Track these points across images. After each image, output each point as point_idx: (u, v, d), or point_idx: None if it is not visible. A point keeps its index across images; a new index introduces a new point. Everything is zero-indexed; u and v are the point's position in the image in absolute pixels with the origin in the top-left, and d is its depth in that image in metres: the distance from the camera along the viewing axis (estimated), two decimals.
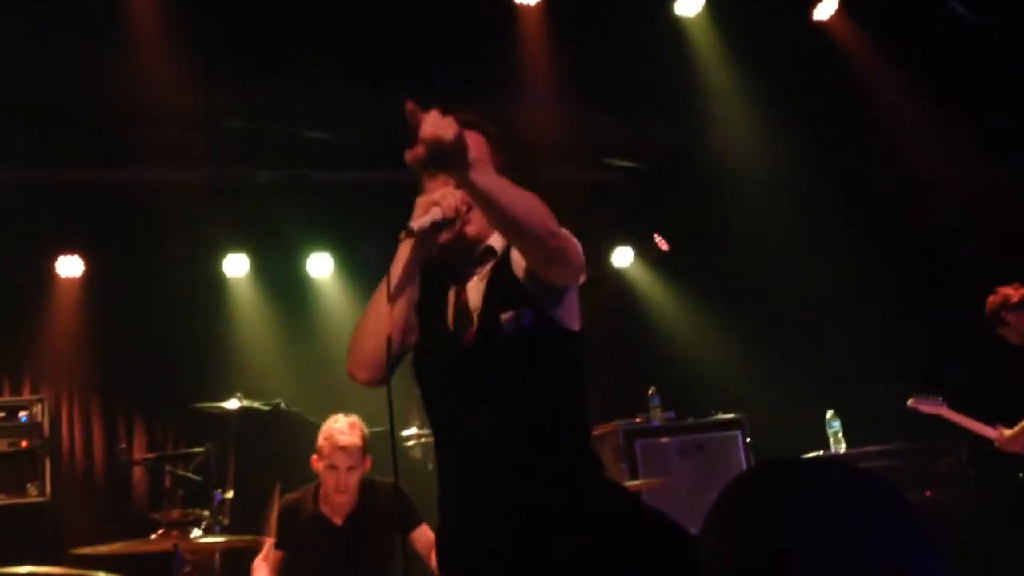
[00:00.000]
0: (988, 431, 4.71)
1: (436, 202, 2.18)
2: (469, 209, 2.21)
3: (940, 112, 5.99)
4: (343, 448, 3.86)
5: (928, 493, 5.69)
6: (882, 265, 6.48)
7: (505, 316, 2.18)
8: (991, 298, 4.62)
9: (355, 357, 2.26)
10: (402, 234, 2.15)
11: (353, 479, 3.88)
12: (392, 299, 2.20)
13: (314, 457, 3.96)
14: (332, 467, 3.85)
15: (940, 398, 5.01)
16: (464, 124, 2.10)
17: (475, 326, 2.21)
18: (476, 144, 2.19)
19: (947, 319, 5.86)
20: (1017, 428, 4.45)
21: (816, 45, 6.14)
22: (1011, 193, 5.93)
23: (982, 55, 5.79)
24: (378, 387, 2.23)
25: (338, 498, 3.88)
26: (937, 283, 6.28)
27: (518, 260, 2.24)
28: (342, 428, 3.92)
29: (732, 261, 6.88)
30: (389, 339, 2.16)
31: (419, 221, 2.14)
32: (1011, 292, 4.56)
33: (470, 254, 2.30)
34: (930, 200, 6.31)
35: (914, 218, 6.47)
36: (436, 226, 2.17)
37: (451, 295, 2.29)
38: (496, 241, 2.32)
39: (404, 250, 2.24)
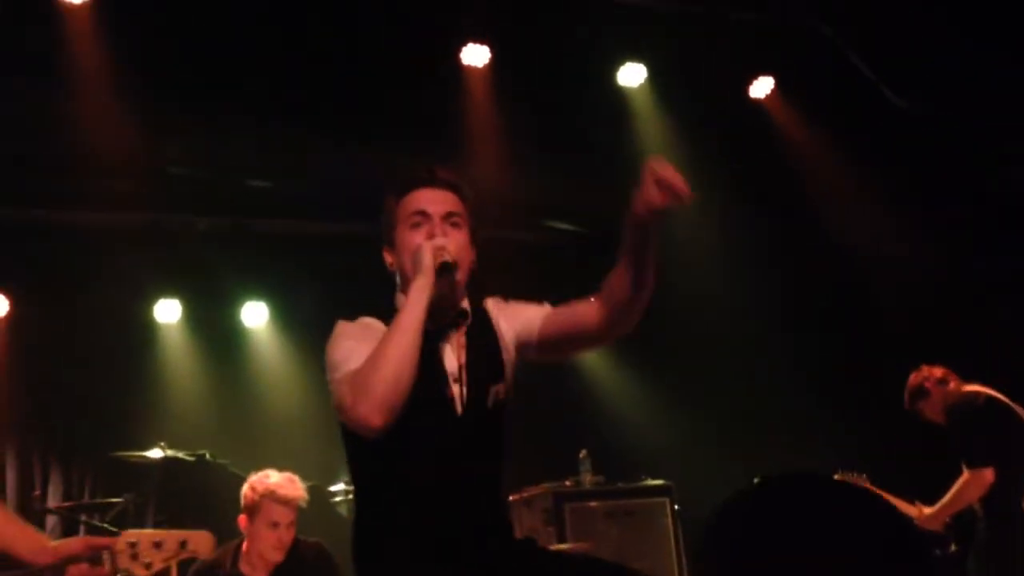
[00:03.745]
0: (908, 508, 4.77)
1: (443, 247, 2.27)
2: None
3: (869, 187, 6.22)
4: (287, 502, 3.73)
5: None
6: (813, 335, 6.62)
7: (494, 388, 2.32)
8: (915, 374, 4.75)
9: (373, 401, 2.10)
10: (441, 263, 2.23)
11: (292, 535, 3.76)
12: (413, 341, 2.16)
13: (242, 517, 3.79)
14: (273, 524, 3.70)
15: (864, 475, 5.06)
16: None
17: (466, 392, 2.28)
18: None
19: (875, 391, 5.99)
20: (937, 507, 4.52)
21: (753, 119, 6.35)
22: (936, 266, 6.15)
23: (909, 136, 6.04)
24: (381, 433, 2.14)
25: (275, 556, 3.71)
26: (865, 354, 6.43)
27: (513, 328, 2.39)
28: (281, 482, 3.78)
29: (666, 327, 6.97)
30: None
31: (450, 255, 2.25)
32: (936, 369, 4.70)
33: (448, 313, 2.33)
34: (860, 273, 6.51)
35: (844, 290, 6.65)
36: (451, 267, 2.25)
37: (425, 354, 2.26)
38: (466, 304, 2.39)
39: (423, 291, 2.21)
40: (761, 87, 6.34)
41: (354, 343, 2.23)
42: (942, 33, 5.47)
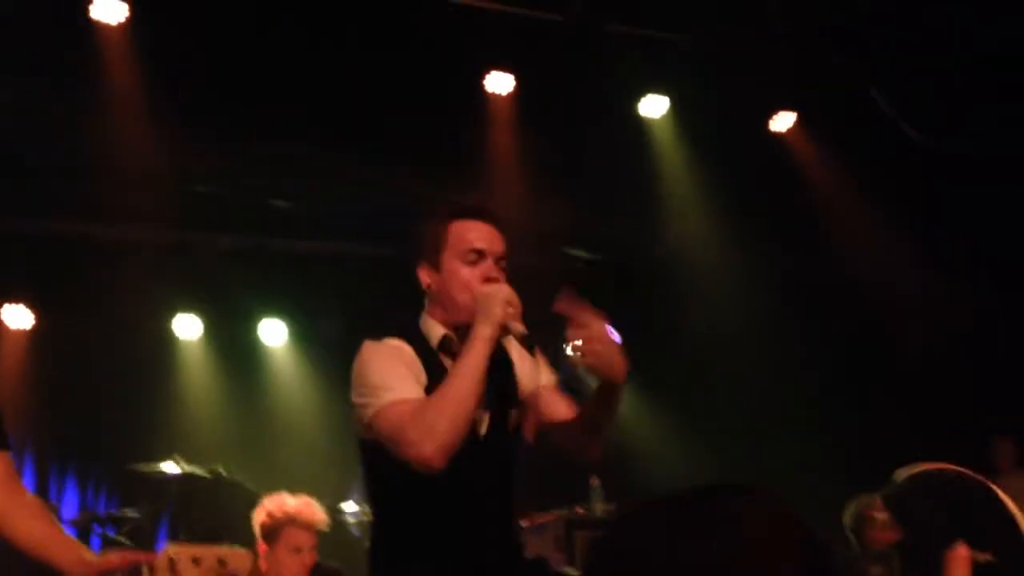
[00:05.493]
0: None
1: (511, 302, 2.27)
2: None
3: (888, 223, 6.23)
4: (309, 527, 3.69)
5: None
6: (828, 369, 6.61)
7: (514, 412, 2.39)
8: (845, 515, 4.65)
9: (440, 444, 2.14)
10: (517, 334, 2.28)
11: (314, 559, 3.71)
12: (477, 392, 2.22)
13: (261, 546, 3.70)
14: (296, 550, 3.63)
15: None
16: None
17: (490, 416, 2.33)
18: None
19: (891, 428, 5.98)
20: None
21: (774, 153, 6.38)
22: (952, 300, 6.14)
23: (929, 174, 6.06)
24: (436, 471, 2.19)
25: None
26: (883, 391, 6.42)
27: (526, 372, 2.43)
28: (301, 507, 3.72)
29: (681, 356, 6.98)
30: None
31: (520, 328, 2.28)
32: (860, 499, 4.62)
33: None
34: (878, 308, 6.50)
35: (862, 324, 6.64)
36: (528, 341, 2.36)
37: None
38: None
39: (489, 342, 2.24)
40: (783, 121, 6.37)
41: (390, 367, 2.25)
42: (962, 70, 5.50)
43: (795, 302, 6.73)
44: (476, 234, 2.35)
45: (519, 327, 2.27)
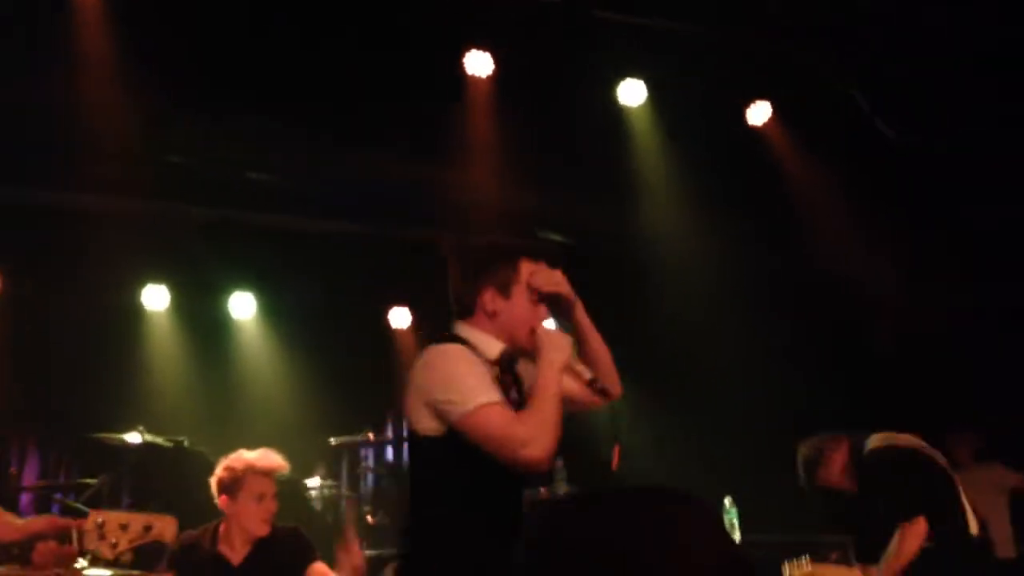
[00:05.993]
0: (847, 574, 4.67)
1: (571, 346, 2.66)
2: None
3: (861, 217, 6.28)
4: (269, 472, 3.80)
5: None
6: (797, 359, 6.66)
7: None
8: (802, 444, 4.67)
9: (548, 449, 2.43)
10: (584, 378, 2.74)
11: (276, 507, 3.82)
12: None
13: (223, 497, 3.80)
14: (259, 496, 3.76)
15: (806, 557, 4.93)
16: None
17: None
18: None
19: (862, 413, 6.03)
20: (883, 568, 4.40)
21: (750, 146, 6.41)
22: (924, 297, 6.21)
23: (902, 169, 6.12)
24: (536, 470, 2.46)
25: (262, 529, 3.76)
26: (855, 379, 6.49)
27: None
28: (260, 456, 3.84)
29: (649, 344, 7.02)
30: None
31: (589, 374, 2.77)
32: (825, 437, 4.65)
33: (521, 354, 2.67)
34: (848, 301, 6.56)
35: (833, 316, 6.70)
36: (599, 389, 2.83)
37: (502, 384, 2.60)
38: None
39: (562, 373, 2.55)
40: (759, 112, 6.39)
41: (479, 372, 2.50)
42: (937, 68, 5.55)
43: (769, 292, 6.77)
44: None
45: (587, 372, 2.74)
